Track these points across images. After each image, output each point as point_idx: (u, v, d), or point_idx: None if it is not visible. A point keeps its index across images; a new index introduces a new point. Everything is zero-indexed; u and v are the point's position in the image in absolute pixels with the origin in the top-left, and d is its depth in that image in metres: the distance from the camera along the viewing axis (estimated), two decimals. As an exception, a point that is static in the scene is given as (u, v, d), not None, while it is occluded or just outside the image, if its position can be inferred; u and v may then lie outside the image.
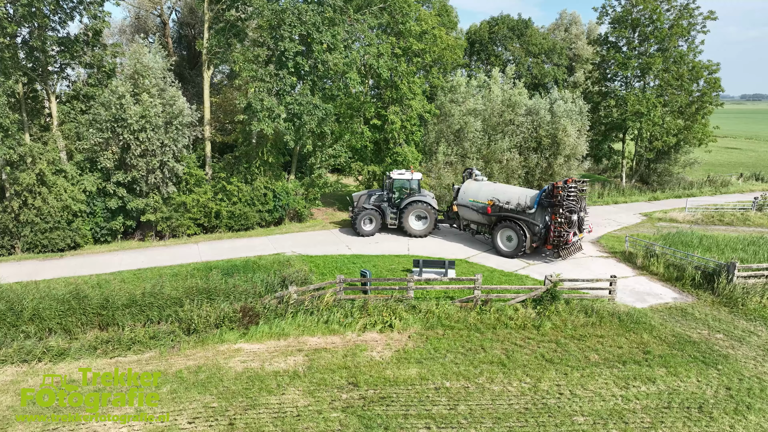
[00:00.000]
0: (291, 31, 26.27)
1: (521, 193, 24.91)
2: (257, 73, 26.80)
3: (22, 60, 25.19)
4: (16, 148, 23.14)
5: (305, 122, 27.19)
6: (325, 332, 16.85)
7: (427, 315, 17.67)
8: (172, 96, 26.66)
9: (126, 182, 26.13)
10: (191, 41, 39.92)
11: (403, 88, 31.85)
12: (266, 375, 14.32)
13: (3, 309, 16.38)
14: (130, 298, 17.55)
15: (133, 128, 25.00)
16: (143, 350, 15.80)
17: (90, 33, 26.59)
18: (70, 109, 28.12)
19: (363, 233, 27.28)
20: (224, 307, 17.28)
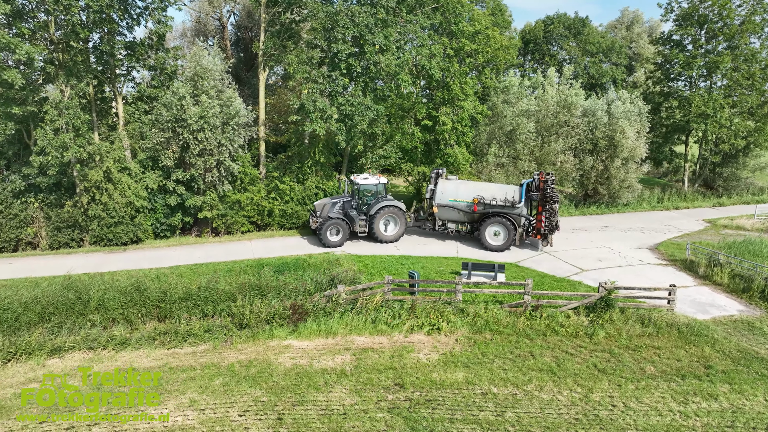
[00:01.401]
0: (344, 33, 26.57)
1: (505, 188, 25.93)
2: (310, 75, 27.27)
3: (93, 64, 26.62)
4: (86, 146, 24.48)
5: (356, 123, 27.45)
6: (373, 332, 16.96)
7: (475, 319, 17.47)
8: (229, 97, 27.52)
9: (185, 180, 27.16)
10: (248, 44, 41.06)
11: (455, 89, 31.61)
12: (314, 372, 14.56)
13: (72, 298, 17.40)
14: (186, 292, 18.25)
15: (193, 128, 25.95)
16: (198, 343, 16.39)
17: (154, 37, 27.81)
18: (134, 109, 29.51)
19: (329, 244, 25.57)
20: (275, 304, 17.69)
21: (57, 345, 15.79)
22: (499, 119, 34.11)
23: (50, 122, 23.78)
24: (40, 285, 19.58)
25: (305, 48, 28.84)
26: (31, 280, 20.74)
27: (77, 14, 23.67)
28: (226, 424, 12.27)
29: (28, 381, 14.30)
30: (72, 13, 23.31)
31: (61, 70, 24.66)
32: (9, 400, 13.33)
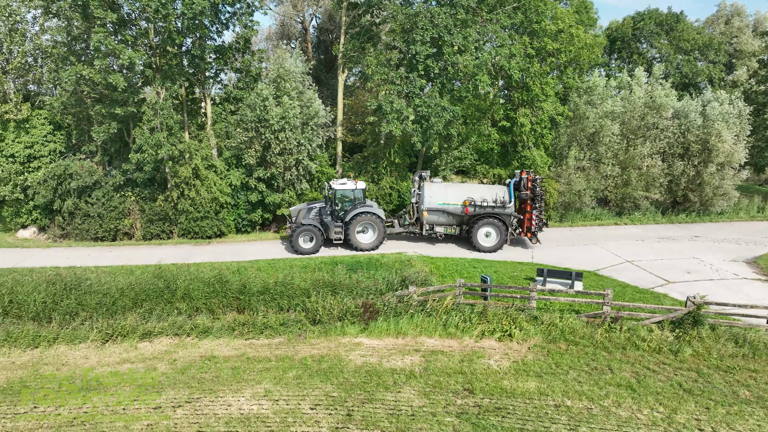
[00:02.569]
0: (423, 34, 26.61)
1: (494, 189, 25.79)
2: (388, 76, 27.55)
3: (185, 67, 28.39)
4: (177, 145, 26.14)
5: (432, 124, 27.41)
6: (443, 335, 16.88)
7: (550, 327, 16.93)
8: (309, 98, 28.38)
9: (265, 178, 28.32)
10: (328, 46, 42.13)
11: (534, 90, 30.76)
12: (384, 371, 14.71)
13: (161, 287, 18.67)
14: (264, 286, 19.04)
15: (274, 128, 27.00)
16: (273, 335, 17.05)
17: (241, 41, 29.19)
18: (221, 110, 31.15)
19: (301, 251, 24.74)
20: (347, 302, 18.05)
21: (147, 330, 17.00)
22: (581, 121, 32.78)
23: (147, 122, 25.60)
24: (134, 273, 21.17)
25: (384, 50, 29.16)
26: (127, 268, 22.45)
27: (173, 21, 25.33)
28: (298, 416, 12.68)
29: (122, 361, 15.51)
30: (169, 21, 24.98)
31: (157, 74, 26.49)
32: (106, 378, 14.52)
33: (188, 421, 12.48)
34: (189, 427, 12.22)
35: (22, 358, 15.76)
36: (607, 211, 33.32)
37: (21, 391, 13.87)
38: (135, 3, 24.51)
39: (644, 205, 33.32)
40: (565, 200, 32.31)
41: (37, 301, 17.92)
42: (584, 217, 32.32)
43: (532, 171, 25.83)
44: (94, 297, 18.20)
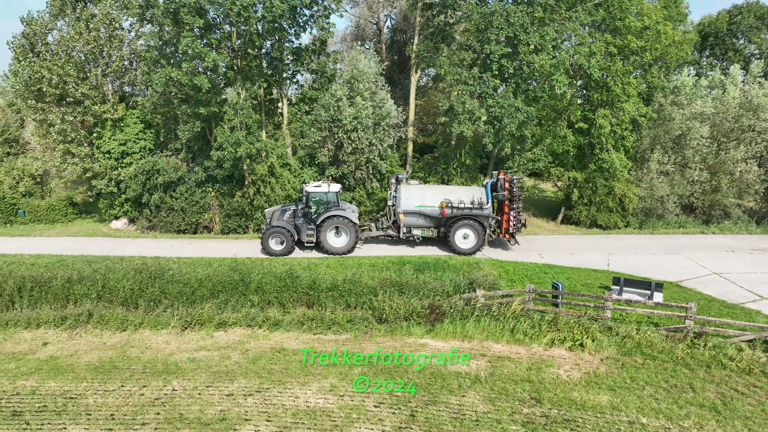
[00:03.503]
0: (498, 34, 26.13)
1: (471, 190, 25.27)
2: (461, 76, 27.28)
3: (264, 69, 29.49)
4: (255, 143, 27.22)
5: (505, 125, 26.86)
6: (510, 341, 16.52)
7: (625, 340, 16.12)
8: (381, 99, 28.65)
9: (337, 177, 28.88)
10: (402, 46, 42.29)
11: (615, 90, 29.35)
12: (448, 374, 14.61)
13: (237, 279, 19.53)
14: (332, 283, 19.45)
15: (347, 128, 27.48)
16: (340, 331, 17.38)
17: (317, 43, 29.94)
18: (297, 110, 32.10)
19: (272, 253, 24.47)
20: (413, 302, 18.08)
21: (223, 320, 17.85)
22: (666, 122, 30.93)
23: (227, 121, 26.84)
24: (212, 265, 22.29)
25: (457, 50, 28.91)
26: (206, 260, 23.66)
27: (255, 25, 26.39)
28: (362, 412, 12.85)
29: (199, 348, 16.37)
30: (250, 24, 26.06)
31: (238, 75, 27.70)
32: (184, 363, 15.39)
33: (258, 410, 12.99)
34: (258, 416, 12.71)
35: (112, 339, 17.02)
36: (692, 219, 31.26)
37: (110, 371, 14.99)
38: (220, 8, 25.75)
39: (735, 213, 30.98)
40: (646, 206, 30.65)
41: (126, 287, 19.29)
42: (666, 225, 30.50)
43: (510, 172, 25.67)
44: (176, 286, 19.34)
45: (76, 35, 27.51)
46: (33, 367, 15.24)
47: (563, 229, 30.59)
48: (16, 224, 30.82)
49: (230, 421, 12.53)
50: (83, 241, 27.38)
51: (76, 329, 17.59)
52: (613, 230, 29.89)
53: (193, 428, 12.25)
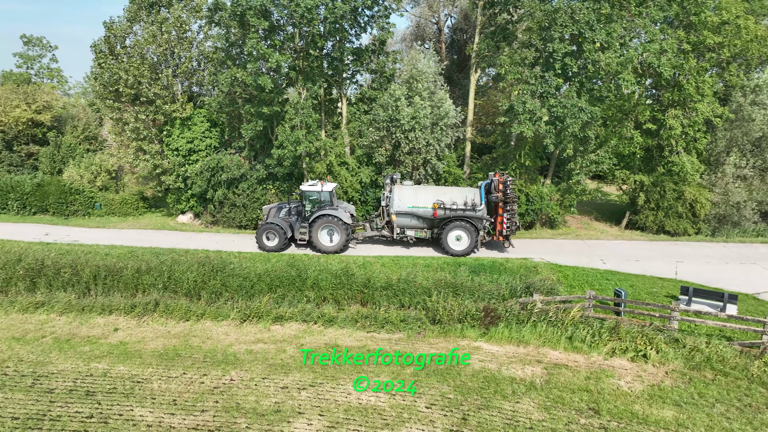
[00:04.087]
0: (562, 32, 25.36)
1: (464, 191, 25.07)
2: (522, 76, 26.69)
3: (325, 69, 30.00)
4: (314, 142, 27.75)
5: (567, 125, 26.04)
6: (568, 348, 16.01)
7: (694, 353, 15.26)
8: (440, 98, 28.48)
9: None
10: (462, 46, 41.86)
11: (688, 89, 27.80)
12: (502, 379, 14.34)
13: (294, 275, 19.97)
14: (387, 282, 19.52)
15: (405, 128, 27.50)
16: (393, 330, 17.41)
17: (377, 43, 30.14)
18: (356, 109, 32.44)
19: (265, 248, 25.15)
20: (468, 304, 17.87)
21: (279, 314, 18.30)
22: (745, 123, 28.96)
23: (289, 120, 27.50)
24: (270, 260, 22.93)
25: (518, 48, 28.30)
26: (265, 255, 24.35)
27: (317, 26, 26.89)
28: (413, 412, 12.82)
29: (256, 341, 16.87)
30: (313, 25, 26.59)
31: (300, 75, 28.33)
32: (242, 354, 15.91)
33: (311, 403, 13.23)
34: (311, 410, 12.95)
35: (176, 328, 17.82)
36: (773, 227, 29.19)
37: (174, 358, 15.70)
38: (284, 10, 26.42)
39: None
40: (719, 212, 28.86)
41: (190, 279, 20.14)
42: (743, 233, 28.61)
43: (506, 173, 25.45)
44: (236, 280, 20.01)
45: (150, 38, 29.00)
46: (105, 350, 16.20)
47: (627, 234, 29.32)
48: (93, 216, 32.85)
49: (284, 413, 12.83)
50: (152, 233, 28.85)
51: (144, 317, 18.54)
52: (682, 237, 28.36)
53: (249, 418, 12.63)
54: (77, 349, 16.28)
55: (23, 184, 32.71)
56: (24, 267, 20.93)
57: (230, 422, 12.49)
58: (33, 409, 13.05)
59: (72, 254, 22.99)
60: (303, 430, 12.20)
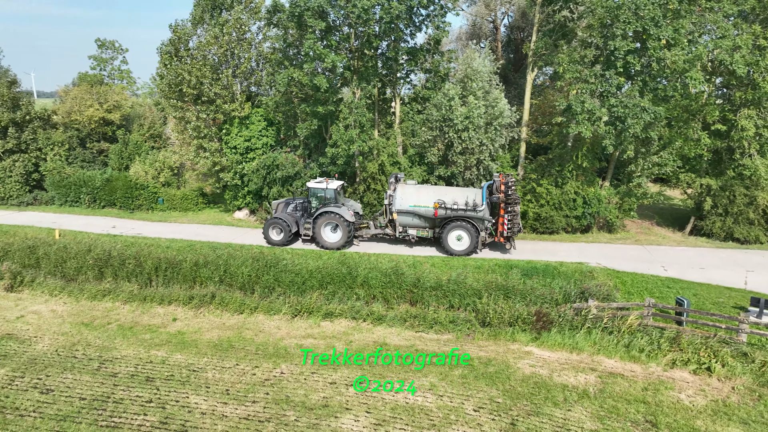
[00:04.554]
0: (624, 29, 24.39)
1: (466, 192, 24.93)
2: (581, 74, 25.86)
3: (379, 68, 30.15)
4: (367, 141, 27.94)
5: (629, 126, 25.02)
6: (624, 357, 15.39)
7: (764, 368, 14.33)
8: (495, 98, 28.03)
9: (446, 176, 28.75)
10: (518, 44, 41.06)
11: (764, 87, 26.06)
12: (553, 385, 13.95)
13: (344, 273, 20.19)
14: (437, 282, 19.40)
15: (458, 128, 27.25)
16: (442, 331, 17.29)
17: (432, 42, 29.99)
18: (409, 109, 32.42)
19: (270, 242, 26.14)
20: (519, 307, 17.51)
21: (329, 310, 18.54)
22: (827, 125, 26.94)
23: (342, 120, 27.82)
24: (322, 257, 23.29)
25: (578, 46, 27.44)
26: (316, 252, 24.75)
27: (372, 26, 27.07)
28: (461, 415, 12.68)
29: (306, 336, 17.16)
30: (369, 26, 26.77)
31: (355, 75, 28.59)
32: (292, 348, 16.22)
33: (359, 400, 13.33)
34: (359, 407, 13.04)
35: (231, 320, 18.39)
36: None
37: (228, 349, 16.21)
38: (340, 11, 26.76)
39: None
40: (796, 220, 26.96)
41: (244, 274, 20.73)
42: (822, 242, 26.62)
43: (509, 174, 25.18)
44: (288, 275, 20.43)
45: (212, 40, 30.07)
46: (164, 339, 16.92)
47: (692, 240, 27.87)
48: (156, 210, 34.39)
49: (332, 408, 12.99)
50: (210, 228, 29.92)
51: (201, 308, 19.23)
52: (753, 245, 26.68)
53: (298, 411, 12.87)
54: (139, 337, 17.10)
55: (94, 179, 34.66)
56: (93, 257, 22.17)
57: (279, 414, 12.77)
58: (98, 391, 13.81)
59: (136, 246, 24.19)
60: (350, 426, 12.31)
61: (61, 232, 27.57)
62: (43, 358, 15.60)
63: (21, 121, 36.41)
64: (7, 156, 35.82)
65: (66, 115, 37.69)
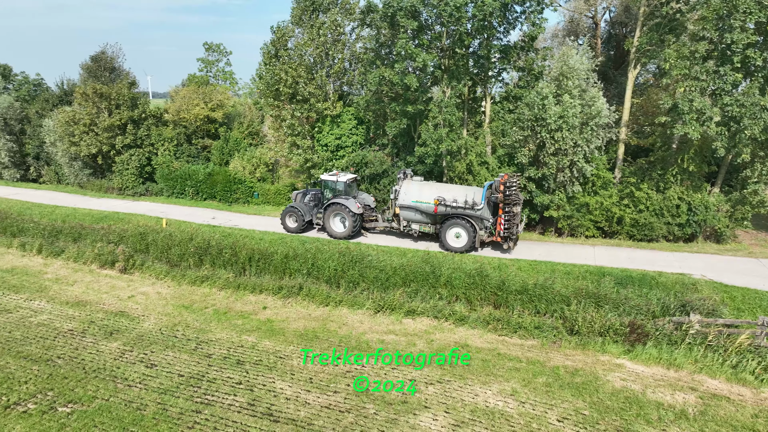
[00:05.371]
0: (744, 20, 22.28)
1: (467, 190, 25.14)
2: (690, 71, 23.96)
3: (471, 67, 29.77)
4: (456, 140, 27.71)
5: (745, 127, 22.83)
6: (731, 379, 14.10)
7: None
8: (592, 97, 26.69)
9: (536, 178, 27.84)
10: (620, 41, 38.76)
11: None
12: (647, 402, 13.08)
13: (428, 271, 20.17)
14: (523, 286, 18.84)
15: (551, 128, 26.25)
16: (526, 337, 16.76)
17: (526, 39, 29.14)
18: (500, 108, 31.74)
19: (287, 229, 28.26)
20: (611, 317, 16.59)
21: (412, 308, 18.59)
22: None
23: (432, 119, 27.80)
24: (406, 255, 23.42)
25: (688, 41, 25.45)
26: (400, 249, 24.94)
27: (465, 24, 26.78)
28: (543, 424, 12.24)
29: (388, 332, 17.34)
30: (461, 24, 26.52)
31: (445, 74, 28.44)
32: (374, 343, 16.46)
33: (437, 399, 13.27)
34: (437, 406, 12.98)
35: (316, 312, 19.00)
36: None
37: (312, 339, 16.77)
38: (433, 10, 26.73)
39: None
40: None
41: (331, 267, 21.33)
42: None
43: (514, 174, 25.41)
44: (373, 271, 20.74)
45: (309, 41, 31.23)
46: (254, 326, 17.83)
47: (818, 256, 24.92)
48: (252, 204, 36.31)
49: (411, 404, 13.03)
50: (300, 222, 31.05)
51: (289, 299, 20.04)
52: None
53: (377, 405, 13.04)
54: (232, 322, 18.14)
55: (197, 173, 37.24)
56: (194, 245, 23.82)
57: (359, 406, 13.01)
58: (194, 369, 14.82)
59: (232, 237, 25.69)
60: (428, 424, 12.28)
61: (168, 221, 29.89)
62: (149, 335, 16.99)
63: (138, 119, 39.93)
64: (125, 150, 39.41)
65: (175, 114, 40.80)
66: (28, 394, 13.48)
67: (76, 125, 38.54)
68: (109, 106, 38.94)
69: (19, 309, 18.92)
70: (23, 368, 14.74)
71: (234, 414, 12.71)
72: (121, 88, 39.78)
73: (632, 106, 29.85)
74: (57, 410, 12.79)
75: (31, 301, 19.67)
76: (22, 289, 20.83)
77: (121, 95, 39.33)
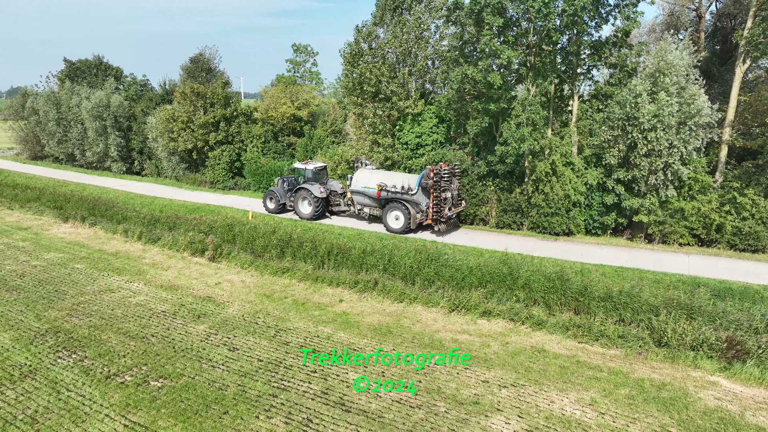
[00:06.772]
0: None
1: (405, 177, 27.87)
2: (811, 65, 21.64)
3: (558, 64, 28.69)
4: (539, 140, 26.83)
5: None
6: None
7: None
8: (692, 95, 24.84)
9: (625, 180, 26.37)
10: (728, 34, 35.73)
11: None
12: (745, 425, 11.99)
13: (505, 273, 19.70)
14: (607, 293, 17.92)
15: (644, 127, 24.76)
16: (609, 345, 15.93)
17: (620, 34, 27.63)
18: (588, 107, 30.35)
19: (268, 209, 32.61)
20: (705, 331, 15.36)
21: (487, 309, 18.23)
22: None
23: (515, 117, 27.09)
24: (483, 255, 23.03)
25: (809, 32, 23.01)
26: (478, 249, 24.54)
27: (553, 20, 25.86)
28: (624, 438, 11.56)
29: (462, 331, 17.13)
30: (549, 20, 25.62)
31: (530, 71, 27.61)
32: (447, 342, 16.33)
33: (510, 403, 12.92)
34: (510, 410, 12.65)
35: (390, 308, 19.14)
36: None
37: (386, 334, 16.91)
38: (520, 5, 26.04)
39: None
40: None
41: (406, 264, 21.39)
42: None
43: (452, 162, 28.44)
44: (448, 270, 20.57)
45: (393, 39, 31.50)
46: (330, 317, 18.27)
47: None
48: (332, 200, 37.23)
49: (482, 406, 12.79)
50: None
51: (364, 293, 20.34)
52: None
53: (448, 403, 12.92)
54: (309, 312, 18.70)
55: (282, 169, 38.76)
56: (277, 238, 24.81)
57: (430, 403, 12.96)
58: (273, 355, 15.43)
59: (312, 231, 26.48)
60: (500, 428, 11.99)
61: (253, 214, 31.36)
62: (232, 320, 17.91)
63: (230, 117, 42.21)
64: (218, 146, 41.79)
65: (264, 112, 42.70)
66: (125, 366, 14.66)
67: (175, 122, 41.40)
68: (205, 104, 41.48)
69: (121, 290, 20.62)
70: (122, 343, 16.06)
71: (308, 401, 13.09)
72: (216, 87, 42.22)
73: (739, 105, 27.45)
74: (150, 384, 13.81)
75: (131, 283, 21.37)
76: (124, 272, 22.69)
77: (216, 94, 41.73)
